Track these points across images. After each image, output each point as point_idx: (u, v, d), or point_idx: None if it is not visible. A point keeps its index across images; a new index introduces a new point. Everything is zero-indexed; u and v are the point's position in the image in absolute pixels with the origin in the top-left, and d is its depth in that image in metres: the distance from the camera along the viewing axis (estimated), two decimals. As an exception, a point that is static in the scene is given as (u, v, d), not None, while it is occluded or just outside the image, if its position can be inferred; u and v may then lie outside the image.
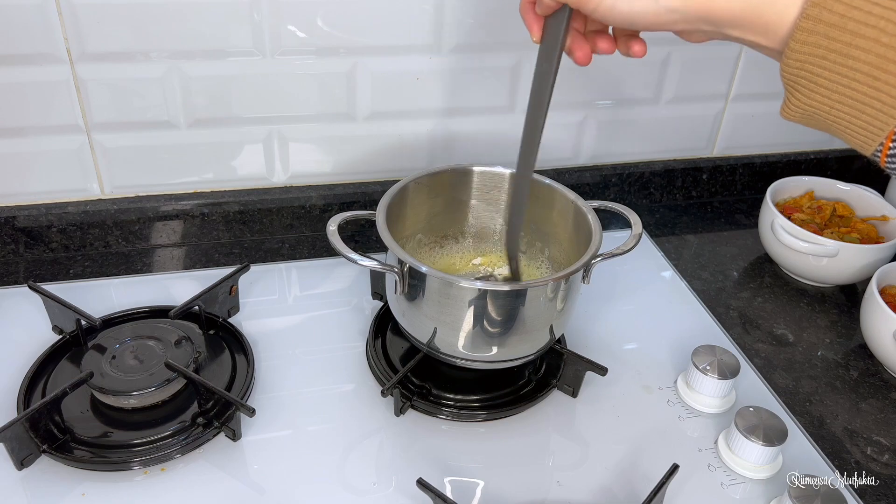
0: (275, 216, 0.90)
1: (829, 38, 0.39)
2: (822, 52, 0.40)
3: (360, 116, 0.87)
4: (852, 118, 0.41)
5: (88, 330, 0.70)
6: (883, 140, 0.40)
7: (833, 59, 0.40)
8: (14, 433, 0.57)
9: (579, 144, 0.97)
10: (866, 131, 0.41)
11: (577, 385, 0.69)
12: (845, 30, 0.39)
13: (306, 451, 0.62)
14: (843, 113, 0.41)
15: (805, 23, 0.40)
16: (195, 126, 0.82)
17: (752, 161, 1.05)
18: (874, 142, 0.41)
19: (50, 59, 0.74)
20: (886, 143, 0.40)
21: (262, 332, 0.74)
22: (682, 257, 0.93)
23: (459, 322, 0.62)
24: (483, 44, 0.85)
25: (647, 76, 0.94)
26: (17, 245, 0.83)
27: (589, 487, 0.61)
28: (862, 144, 0.42)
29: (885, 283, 0.78)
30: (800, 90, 0.42)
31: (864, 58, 0.39)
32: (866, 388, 0.75)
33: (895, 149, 0.40)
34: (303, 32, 0.79)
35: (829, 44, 0.39)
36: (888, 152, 0.41)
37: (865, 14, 0.38)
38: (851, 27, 0.38)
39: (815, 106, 0.42)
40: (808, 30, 0.40)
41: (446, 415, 0.66)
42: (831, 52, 0.40)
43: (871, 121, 0.40)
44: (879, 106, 0.39)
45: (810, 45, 0.40)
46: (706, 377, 0.67)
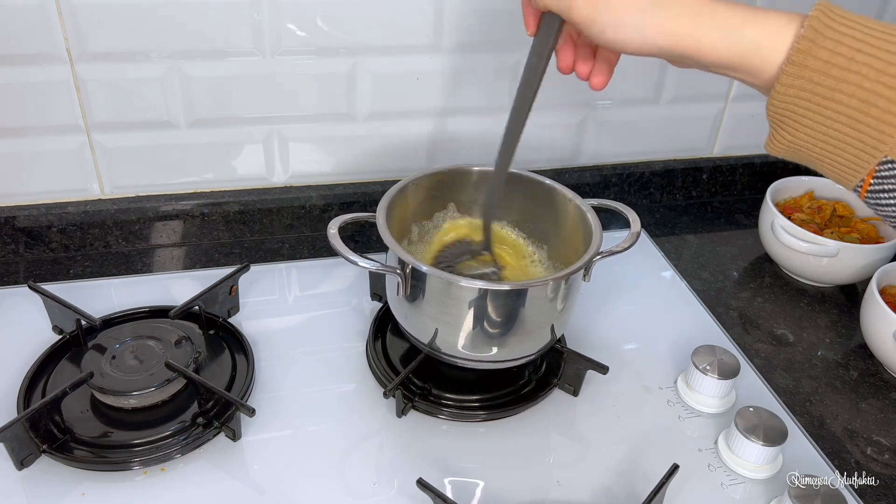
0: (275, 216, 0.90)
1: (813, 83, 0.41)
2: (807, 95, 0.42)
3: (360, 116, 0.87)
4: (835, 156, 0.43)
5: (88, 330, 0.70)
6: (864, 177, 0.42)
7: (817, 101, 0.41)
8: (14, 433, 0.57)
9: (579, 144, 0.97)
10: (848, 169, 0.43)
11: (577, 384, 0.69)
12: (829, 75, 0.40)
13: (306, 451, 0.62)
14: (827, 151, 0.43)
15: (790, 68, 0.42)
16: (195, 126, 0.82)
17: (752, 161, 1.05)
18: (855, 178, 0.43)
19: (50, 59, 0.74)
20: (867, 179, 0.42)
21: (262, 332, 0.74)
22: (682, 257, 0.93)
23: (460, 322, 0.62)
24: (483, 44, 0.85)
25: (647, 76, 0.94)
26: (17, 245, 0.83)
27: (589, 487, 0.61)
28: (843, 181, 0.44)
29: (885, 283, 0.78)
30: (784, 128, 0.44)
31: (847, 101, 0.40)
32: (866, 388, 0.75)
33: (875, 185, 0.42)
34: (303, 32, 0.79)
35: (813, 87, 0.41)
36: (868, 188, 0.43)
37: (848, 60, 0.40)
38: (835, 73, 0.40)
39: (798, 143, 0.44)
40: (793, 74, 0.42)
41: (447, 415, 0.66)
42: (815, 95, 0.41)
43: (853, 160, 0.42)
44: (861, 146, 0.41)
45: (795, 87, 0.42)
46: (706, 377, 0.67)
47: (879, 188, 0.42)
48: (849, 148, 0.42)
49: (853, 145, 0.41)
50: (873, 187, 0.42)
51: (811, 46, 0.41)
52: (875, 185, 0.42)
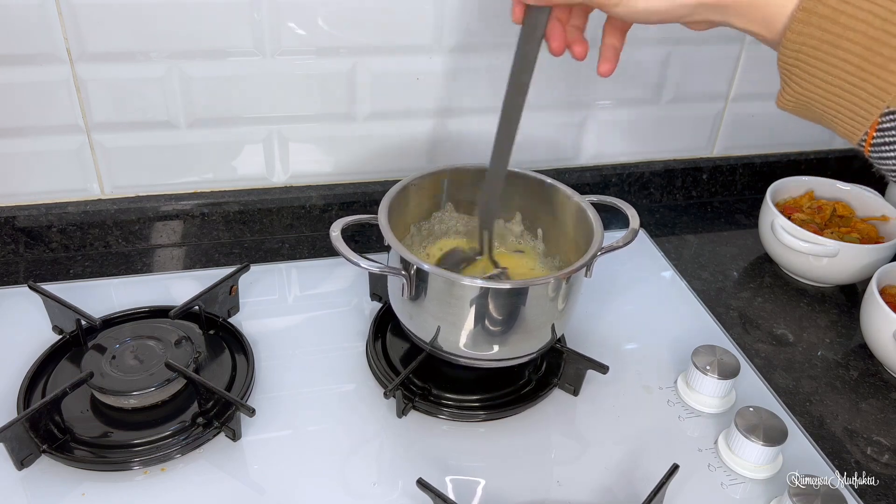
0: (275, 216, 0.90)
1: (822, 30, 0.42)
2: (816, 43, 0.43)
3: (360, 116, 0.87)
4: (840, 106, 0.44)
5: (88, 330, 0.70)
6: (867, 129, 0.43)
7: (825, 49, 0.42)
8: (14, 433, 0.57)
9: (579, 144, 0.97)
10: (853, 119, 0.43)
11: (578, 384, 0.69)
12: (837, 22, 0.41)
13: (306, 451, 0.62)
14: (832, 101, 0.44)
15: (801, 14, 0.43)
16: (195, 126, 0.82)
17: (752, 161, 1.05)
18: (860, 130, 0.43)
19: (50, 59, 0.74)
20: (870, 132, 0.43)
21: (262, 332, 0.74)
22: (682, 257, 0.93)
23: (462, 320, 0.62)
24: (483, 44, 0.85)
25: (647, 76, 0.94)
26: (17, 245, 0.83)
27: (589, 487, 0.61)
28: (848, 133, 0.44)
29: (885, 283, 0.78)
30: (794, 80, 0.45)
31: (853, 49, 0.41)
32: (866, 388, 0.75)
33: (878, 138, 0.43)
34: (303, 32, 0.79)
35: (822, 35, 0.42)
36: (871, 141, 0.43)
37: (855, 8, 0.41)
38: (843, 20, 0.41)
39: (808, 95, 0.45)
40: (803, 21, 0.43)
41: (447, 415, 0.66)
42: (824, 43, 0.42)
43: (858, 109, 0.43)
44: (865, 95, 0.42)
45: (805, 35, 0.43)
46: (706, 377, 0.67)
47: (881, 141, 0.43)
48: (853, 98, 0.42)
49: (858, 94, 0.42)
50: (876, 140, 0.43)
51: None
52: (878, 137, 0.43)
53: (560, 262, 0.74)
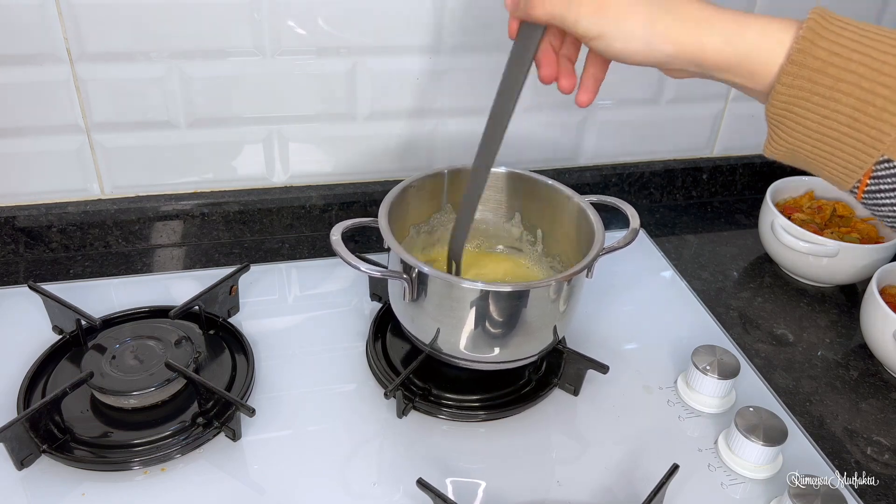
0: (275, 216, 0.90)
1: (812, 82, 0.42)
2: (806, 95, 0.42)
3: (360, 116, 0.87)
4: (832, 156, 0.43)
5: (88, 330, 0.70)
6: (860, 178, 0.43)
7: (816, 101, 0.42)
8: (14, 433, 0.57)
9: (579, 144, 0.97)
10: (845, 169, 0.43)
11: (578, 384, 0.69)
12: (827, 74, 0.41)
13: (306, 451, 0.62)
14: (825, 152, 0.44)
15: (790, 67, 0.43)
16: (195, 126, 0.82)
17: (752, 161, 1.05)
18: (853, 179, 0.43)
19: (50, 59, 0.74)
20: (864, 180, 0.43)
21: (262, 332, 0.74)
22: (682, 257, 0.93)
23: (462, 323, 0.62)
24: (483, 44, 0.85)
25: (647, 76, 0.94)
26: (17, 245, 0.83)
27: (589, 487, 0.61)
28: (840, 181, 0.44)
29: (885, 283, 0.78)
30: (783, 129, 0.45)
31: (844, 100, 0.41)
32: (866, 388, 0.75)
33: (872, 185, 0.43)
34: (303, 32, 0.79)
35: (812, 87, 0.42)
36: (865, 189, 0.43)
37: (846, 60, 0.41)
38: (832, 72, 0.41)
39: (797, 144, 0.45)
40: (793, 74, 0.43)
41: (447, 415, 0.66)
42: (814, 95, 0.42)
43: (850, 159, 0.43)
44: (858, 146, 0.42)
45: (795, 87, 0.43)
46: (706, 377, 0.67)
47: (876, 188, 0.43)
48: (846, 148, 0.42)
49: (851, 145, 0.42)
50: (870, 187, 0.43)
51: (810, 46, 0.42)
52: (872, 185, 0.43)
53: (560, 262, 0.74)
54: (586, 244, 0.66)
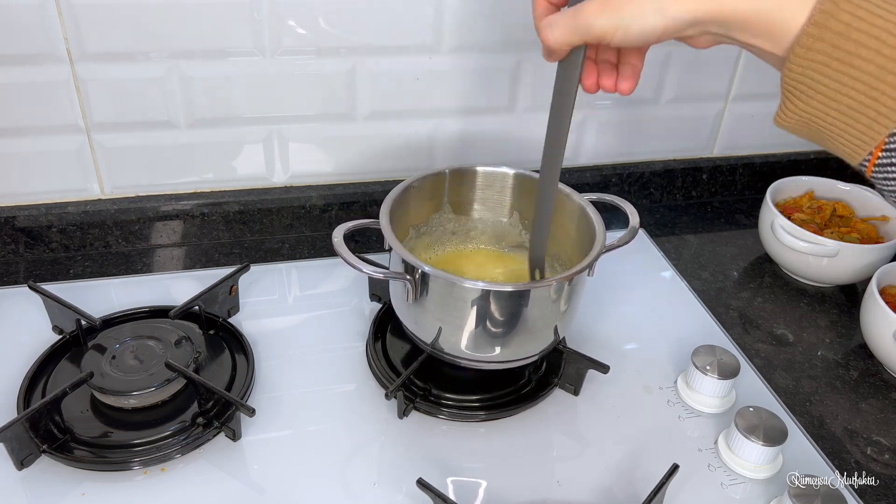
0: (275, 216, 0.90)
1: (833, 46, 0.40)
2: (825, 59, 0.41)
3: (360, 116, 0.87)
4: (847, 126, 0.42)
5: (88, 330, 0.70)
6: (872, 150, 0.42)
7: (835, 66, 0.41)
8: (14, 433, 0.57)
9: (579, 144, 0.97)
10: (858, 140, 0.42)
11: (578, 384, 0.69)
12: (849, 38, 0.40)
13: (306, 451, 0.62)
14: (838, 121, 0.42)
15: (812, 29, 0.41)
16: (195, 126, 0.82)
17: (752, 161, 1.05)
18: (864, 151, 0.42)
19: (50, 59, 0.74)
20: (875, 152, 0.42)
21: (262, 332, 0.74)
22: (682, 257, 0.93)
23: (463, 322, 0.62)
24: (483, 44, 0.85)
25: (647, 76, 0.94)
26: (17, 245, 0.83)
27: (589, 487, 0.61)
28: (851, 153, 0.43)
29: (885, 283, 0.78)
30: (798, 96, 0.43)
31: (864, 67, 0.40)
32: (866, 388, 0.75)
33: (884, 158, 0.42)
34: (303, 32, 0.79)
35: (832, 51, 0.41)
36: (876, 161, 0.42)
37: (869, 25, 0.39)
38: (855, 36, 0.40)
39: (811, 112, 0.43)
40: (814, 36, 0.41)
41: (447, 415, 0.66)
42: (834, 60, 0.41)
43: (865, 130, 0.41)
44: (874, 115, 0.41)
45: (815, 51, 0.41)
46: (706, 377, 0.67)
47: (888, 161, 0.41)
48: (862, 118, 0.41)
49: (866, 114, 0.41)
50: (881, 160, 0.42)
51: (833, 8, 0.40)
52: (883, 157, 0.41)
53: (560, 261, 0.74)
54: (587, 243, 0.66)
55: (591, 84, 0.54)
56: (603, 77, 0.54)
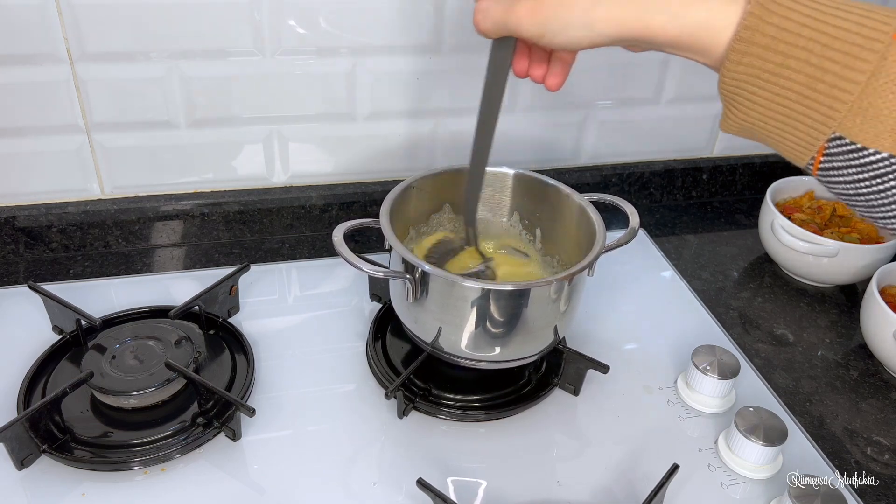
0: (275, 216, 0.90)
1: (761, 59, 0.41)
2: (756, 72, 0.42)
3: (360, 116, 0.87)
4: (786, 133, 0.43)
5: (88, 330, 0.70)
6: (814, 154, 0.42)
7: (766, 77, 0.41)
8: (14, 433, 0.57)
9: (579, 144, 0.97)
10: (799, 145, 0.43)
11: (578, 383, 0.69)
12: (777, 51, 0.40)
13: (306, 451, 0.62)
14: (777, 129, 0.43)
15: (738, 45, 0.42)
16: (195, 126, 0.82)
17: (752, 161, 1.05)
18: (807, 155, 0.43)
19: (50, 59, 0.74)
20: (818, 157, 0.42)
21: (262, 332, 0.74)
22: (682, 257, 0.93)
23: (463, 322, 0.62)
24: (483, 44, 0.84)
25: (647, 76, 0.94)
26: (17, 245, 0.83)
27: (589, 487, 0.61)
28: (796, 157, 0.44)
29: (885, 283, 0.78)
30: (737, 106, 0.44)
31: (795, 77, 0.40)
32: (866, 388, 0.75)
33: (825, 163, 0.42)
34: (303, 31, 0.79)
35: (762, 64, 0.41)
36: (819, 166, 0.43)
37: (795, 36, 0.40)
38: (782, 49, 0.40)
39: (750, 121, 0.44)
40: (741, 51, 0.42)
41: (447, 415, 0.66)
42: (764, 72, 0.41)
43: (804, 136, 0.42)
44: (810, 122, 0.41)
45: (744, 65, 0.42)
46: (706, 377, 0.67)
47: (829, 165, 0.42)
48: (799, 125, 0.42)
49: (803, 122, 0.41)
50: (823, 165, 0.42)
51: (758, 23, 0.41)
52: (825, 162, 0.42)
53: (560, 262, 0.74)
54: (587, 243, 0.66)
55: (522, 70, 0.55)
56: (534, 67, 0.54)
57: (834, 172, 0.42)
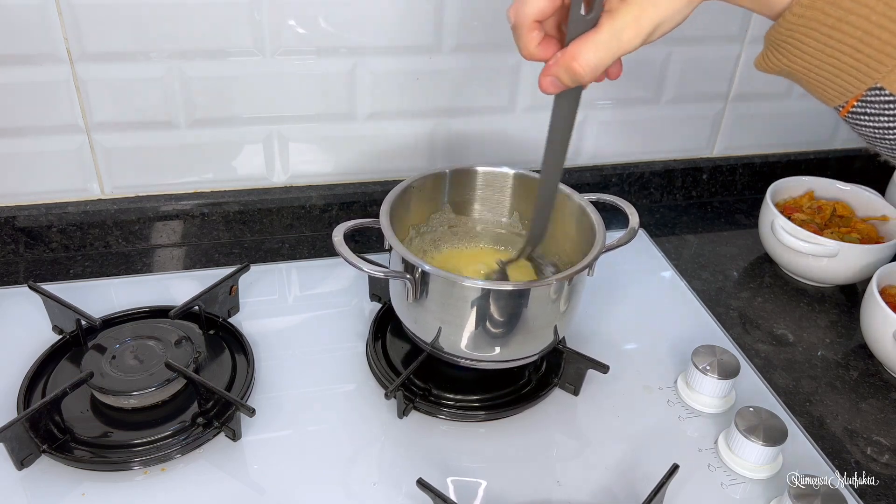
0: (275, 216, 0.90)
1: (823, 13, 0.43)
2: (815, 24, 0.43)
3: (360, 116, 0.87)
4: (828, 81, 0.45)
5: (88, 330, 0.70)
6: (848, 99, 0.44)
7: (824, 31, 0.43)
8: (14, 433, 0.57)
9: (579, 144, 0.97)
10: (837, 92, 0.45)
11: (578, 384, 0.69)
12: (840, 6, 0.42)
13: (306, 451, 0.62)
14: (820, 77, 0.45)
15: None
16: (195, 126, 0.82)
17: (752, 161, 1.05)
18: (841, 99, 0.45)
19: (50, 59, 0.74)
20: (851, 101, 0.44)
21: (262, 332, 0.74)
22: (682, 257, 0.93)
23: (463, 321, 0.62)
24: (483, 44, 0.85)
25: (647, 76, 0.94)
26: (17, 245, 0.83)
27: (589, 487, 0.61)
28: (826, 99, 0.46)
29: (885, 283, 0.78)
30: (782, 51, 0.46)
31: (851, 31, 0.42)
32: (866, 388, 0.75)
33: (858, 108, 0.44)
34: (303, 31, 0.79)
35: (823, 17, 0.43)
36: (851, 109, 0.45)
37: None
38: (846, 5, 0.42)
39: (792, 66, 0.46)
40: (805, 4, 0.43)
41: (447, 415, 0.66)
42: (823, 25, 0.43)
43: (844, 84, 0.44)
44: (854, 73, 0.43)
45: (805, 17, 0.43)
46: (706, 377, 0.67)
47: (861, 111, 0.44)
48: (843, 75, 0.43)
49: (847, 72, 0.43)
50: (856, 109, 0.44)
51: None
52: (858, 107, 0.44)
53: (560, 262, 0.74)
54: (587, 243, 0.66)
55: None
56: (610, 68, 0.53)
57: (865, 117, 0.44)
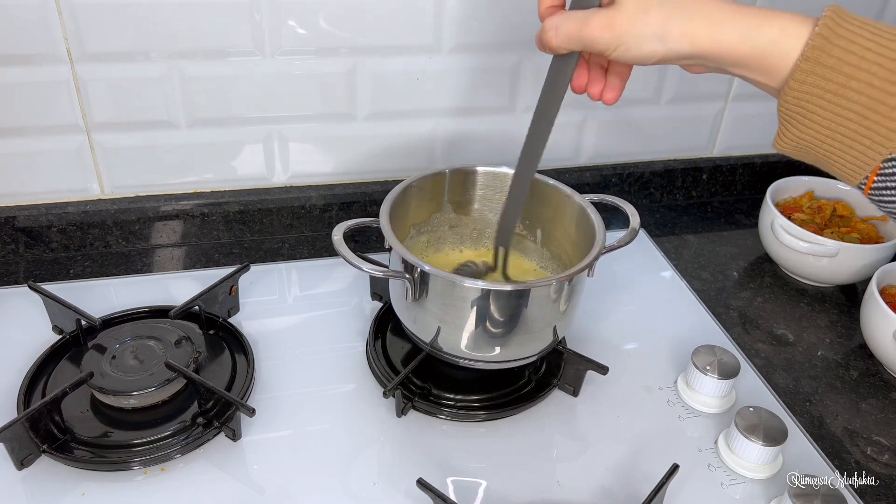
0: (275, 216, 0.90)
1: (825, 79, 0.43)
2: (819, 91, 0.43)
3: (361, 116, 0.87)
4: (842, 153, 0.44)
5: (88, 330, 0.70)
6: (868, 174, 0.44)
7: (828, 98, 0.43)
8: (14, 433, 0.57)
9: (579, 144, 0.97)
10: (854, 165, 0.44)
11: (577, 384, 0.69)
12: (840, 72, 0.42)
13: (306, 451, 0.62)
14: (834, 147, 0.45)
15: (805, 64, 0.43)
16: (195, 126, 0.82)
17: (752, 161, 1.05)
18: (860, 174, 0.44)
19: (50, 59, 0.74)
20: (871, 176, 0.44)
21: (262, 332, 0.74)
22: (682, 257, 0.93)
23: (463, 322, 0.62)
24: (483, 44, 0.85)
25: (647, 76, 0.94)
26: (17, 245, 0.83)
27: (589, 487, 0.61)
28: (848, 177, 0.45)
29: (885, 283, 0.78)
30: (795, 124, 0.46)
31: (856, 98, 0.42)
32: (866, 388, 0.75)
33: (879, 182, 0.44)
34: (303, 32, 0.79)
35: (825, 84, 0.43)
36: (872, 185, 0.44)
37: (859, 59, 0.42)
38: (846, 70, 0.42)
39: (807, 139, 0.46)
40: (807, 70, 0.43)
41: (447, 415, 0.66)
42: (827, 92, 0.43)
43: (859, 156, 0.44)
44: (868, 143, 0.43)
45: (808, 84, 0.43)
46: (706, 377, 0.67)
47: (883, 185, 0.44)
48: (856, 145, 0.43)
49: (860, 142, 0.43)
50: (877, 184, 0.44)
51: (825, 44, 0.43)
52: (878, 182, 0.44)
53: (560, 262, 0.74)
54: (587, 243, 0.66)
55: (580, 85, 0.55)
56: (592, 84, 0.55)
57: (887, 192, 0.44)
